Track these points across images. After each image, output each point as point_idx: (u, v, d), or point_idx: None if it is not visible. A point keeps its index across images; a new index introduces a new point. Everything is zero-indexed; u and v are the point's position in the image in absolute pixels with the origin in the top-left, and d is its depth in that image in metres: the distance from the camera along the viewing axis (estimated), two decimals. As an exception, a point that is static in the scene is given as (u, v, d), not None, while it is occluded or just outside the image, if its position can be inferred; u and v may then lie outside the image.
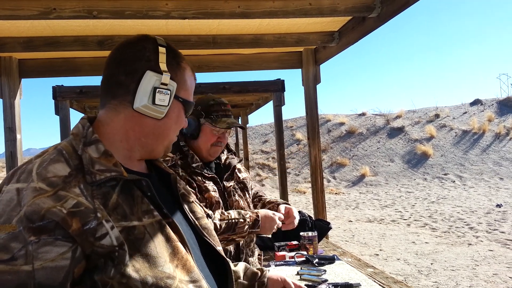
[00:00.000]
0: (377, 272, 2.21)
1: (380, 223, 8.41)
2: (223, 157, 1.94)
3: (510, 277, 4.56)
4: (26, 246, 0.65)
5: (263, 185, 15.77)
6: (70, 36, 3.16)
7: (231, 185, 1.83)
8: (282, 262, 2.27)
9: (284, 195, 5.11)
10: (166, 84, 0.86)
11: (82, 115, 5.95)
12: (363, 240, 6.83)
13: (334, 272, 2.12)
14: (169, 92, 0.87)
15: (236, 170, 1.95)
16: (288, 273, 2.06)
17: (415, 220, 8.44)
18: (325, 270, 2.14)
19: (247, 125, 21.52)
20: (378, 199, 11.74)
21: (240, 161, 1.99)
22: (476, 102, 20.76)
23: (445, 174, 14.57)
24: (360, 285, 1.88)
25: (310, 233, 2.37)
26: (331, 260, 2.30)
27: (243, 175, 1.98)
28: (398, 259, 5.59)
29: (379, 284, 2.01)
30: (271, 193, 13.09)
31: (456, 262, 5.28)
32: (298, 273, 1.98)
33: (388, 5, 2.71)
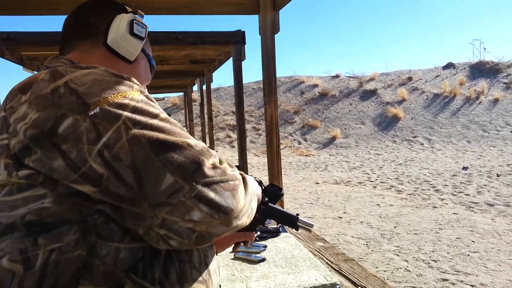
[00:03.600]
0: (326, 247, 1.90)
1: (347, 185, 8.27)
2: None
3: (472, 241, 4.45)
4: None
5: (233, 146, 15.44)
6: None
7: None
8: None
9: (243, 157, 4.75)
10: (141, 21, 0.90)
11: None
12: (328, 203, 6.64)
13: (275, 248, 1.80)
14: (144, 27, 0.91)
15: None
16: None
17: (381, 182, 8.33)
18: (265, 246, 1.81)
19: (217, 86, 20.81)
20: (347, 161, 11.63)
21: None
22: (448, 66, 20.73)
23: (414, 137, 14.60)
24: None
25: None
26: (275, 233, 1.98)
27: None
28: (361, 222, 5.42)
29: (326, 263, 1.70)
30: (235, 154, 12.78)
31: (420, 225, 5.15)
32: (232, 250, 1.65)
33: None
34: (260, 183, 2.85)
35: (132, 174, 0.64)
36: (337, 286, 1.45)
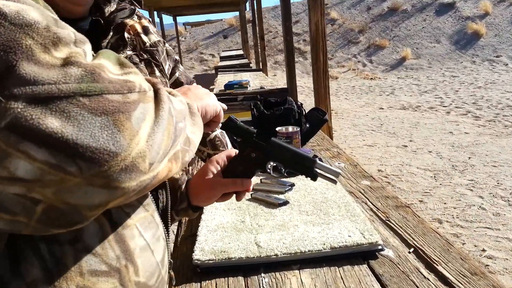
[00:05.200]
0: (374, 188, 1.49)
1: (415, 110, 7.53)
2: (109, 8, 1.02)
3: None
4: None
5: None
6: None
7: (124, 56, 1.01)
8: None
9: (291, 78, 4.29)
10: None
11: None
12: (392, 130, 6.08)
13: (305, 188, 1.42)
14: None
15: (138, 31, 1.07)
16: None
17: (456, 107, 7.47)
18: (292, 185, 1.44)
19: (274, 3, 19.54)
20: (418, 84, 10.63)
21: (138, 17, 1.10)
22: (548, -30, 17.54)
23: (497, 56, 12.91)
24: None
25: (290, 128, 1.64)
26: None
27: (151, 38, 1.10)
28: (430, 152, 4.87)
29: (371, 210, 1.32)
30: (300, 78, 12.13)
31: (500, 156, 4.51)
32: (253, 189, 1.26)
33: None
34: (300, 106, 2.35)
35: None
36: (379, 247, 1.02)
